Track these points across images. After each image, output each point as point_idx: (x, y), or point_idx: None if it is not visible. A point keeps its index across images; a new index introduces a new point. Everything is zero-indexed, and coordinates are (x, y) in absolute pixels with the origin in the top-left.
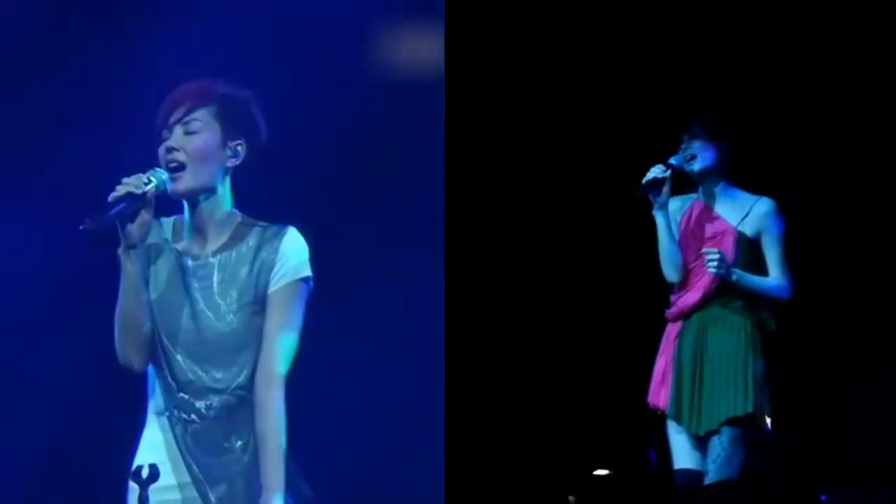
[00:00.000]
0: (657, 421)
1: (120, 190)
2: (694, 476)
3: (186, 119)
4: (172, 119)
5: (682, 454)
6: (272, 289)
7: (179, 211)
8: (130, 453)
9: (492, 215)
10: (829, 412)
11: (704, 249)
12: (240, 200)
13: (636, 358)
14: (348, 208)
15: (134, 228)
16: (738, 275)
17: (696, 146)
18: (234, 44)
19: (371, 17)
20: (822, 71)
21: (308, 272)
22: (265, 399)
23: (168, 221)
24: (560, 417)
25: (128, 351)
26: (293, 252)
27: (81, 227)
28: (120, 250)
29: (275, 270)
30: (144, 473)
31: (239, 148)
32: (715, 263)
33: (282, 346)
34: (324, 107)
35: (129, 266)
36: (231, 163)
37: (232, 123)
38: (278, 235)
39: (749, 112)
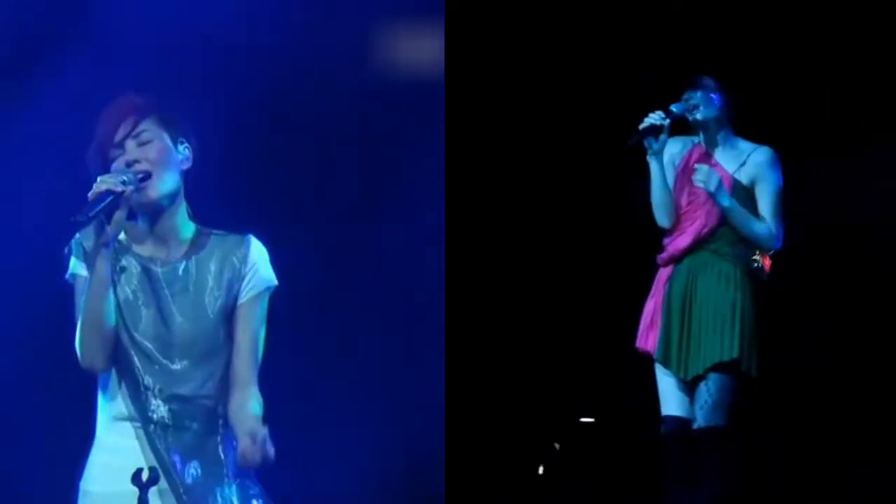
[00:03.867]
0: (644, 368)
1: (99, 187)
2: (681, 423)
3: (136, 132)
4: (119, 135)
5: (670, 400)
6: (244, 298)
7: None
8: (74, 458)
9: (492, 215)
10: (817, 360)
11: (696, 165)
12: (233, 202)
13: (624, 304)
14: (348, 208)
15: (110, 227)
16: (731, 202)
17: (699, 95)
18: (233, 44)
19: (371, 17)
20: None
21: (276, 281)
22: (242, 403)
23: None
24: (546, 364)
25: (94, 351)
26: (262, 261)
27: (71, 220)
28: (92, 249)
29: (246, 280)
30: (144, 476)
31: (187, 151)
32: (702, 176)
33: (254, 354)
34: (324, 107)
35: (101, 264)
36: (185, 165)
37: (174, 127)
38: (243, 244)
39: (752, 62)
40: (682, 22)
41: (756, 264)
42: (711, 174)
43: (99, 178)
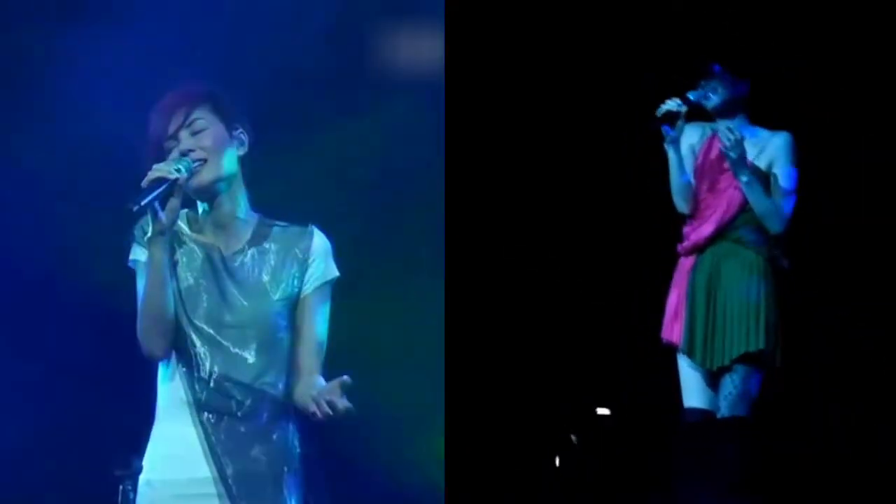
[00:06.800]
0: (664, 358)
1: (153, 174)
2: (703, 415)
3: (189, 121)
4: (173, 127)
5: (693, 391)
6: (307, 290)
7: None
8: (136, 446)
9: (492, 215)
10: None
11: (726, 125)
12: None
13: (639, 295)
14: (348, 208)
15: (164, 215)
16: (749, 177)
17: (714, 83)
18: (234, 44)
19: (371, 17)
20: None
21: (337, 272)
22: (310, 384)
23: (181, 213)
24: (564, 354)
25: (154, 339)
26: (323, 253)
27: (126, 208)
28: (148, 237)
29: (310, 272)
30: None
31: (242, 136)
32: (729, 142)
33: (318, 344)
34: (324, 107)
35: (158, 253)
36: (241, 151)
37: (228, 114)
38: (305, 235)
39: (766, 49)
40: (683, 19)
41: (777, 252)
42: (740, 143)
43: (154, 167)
